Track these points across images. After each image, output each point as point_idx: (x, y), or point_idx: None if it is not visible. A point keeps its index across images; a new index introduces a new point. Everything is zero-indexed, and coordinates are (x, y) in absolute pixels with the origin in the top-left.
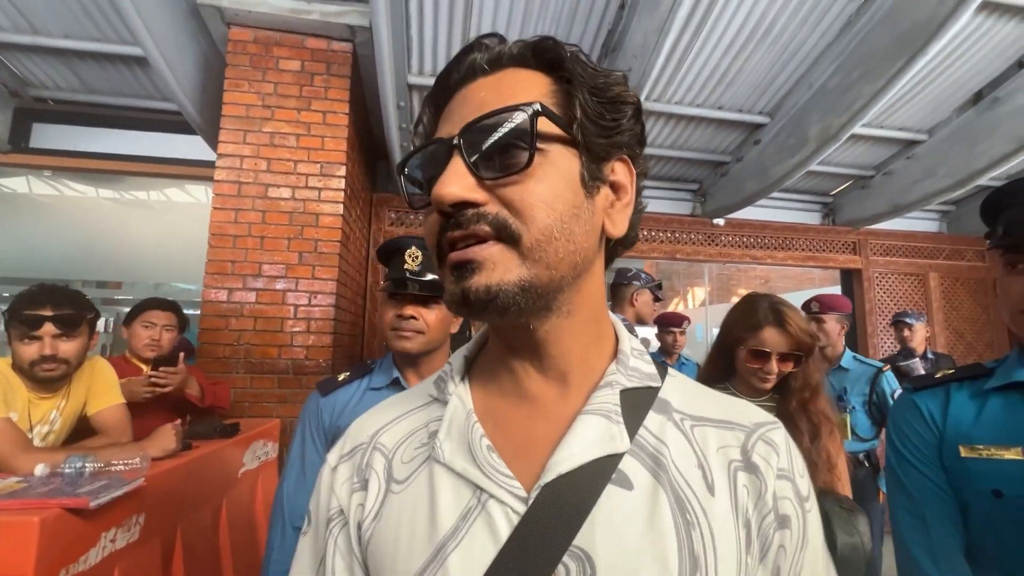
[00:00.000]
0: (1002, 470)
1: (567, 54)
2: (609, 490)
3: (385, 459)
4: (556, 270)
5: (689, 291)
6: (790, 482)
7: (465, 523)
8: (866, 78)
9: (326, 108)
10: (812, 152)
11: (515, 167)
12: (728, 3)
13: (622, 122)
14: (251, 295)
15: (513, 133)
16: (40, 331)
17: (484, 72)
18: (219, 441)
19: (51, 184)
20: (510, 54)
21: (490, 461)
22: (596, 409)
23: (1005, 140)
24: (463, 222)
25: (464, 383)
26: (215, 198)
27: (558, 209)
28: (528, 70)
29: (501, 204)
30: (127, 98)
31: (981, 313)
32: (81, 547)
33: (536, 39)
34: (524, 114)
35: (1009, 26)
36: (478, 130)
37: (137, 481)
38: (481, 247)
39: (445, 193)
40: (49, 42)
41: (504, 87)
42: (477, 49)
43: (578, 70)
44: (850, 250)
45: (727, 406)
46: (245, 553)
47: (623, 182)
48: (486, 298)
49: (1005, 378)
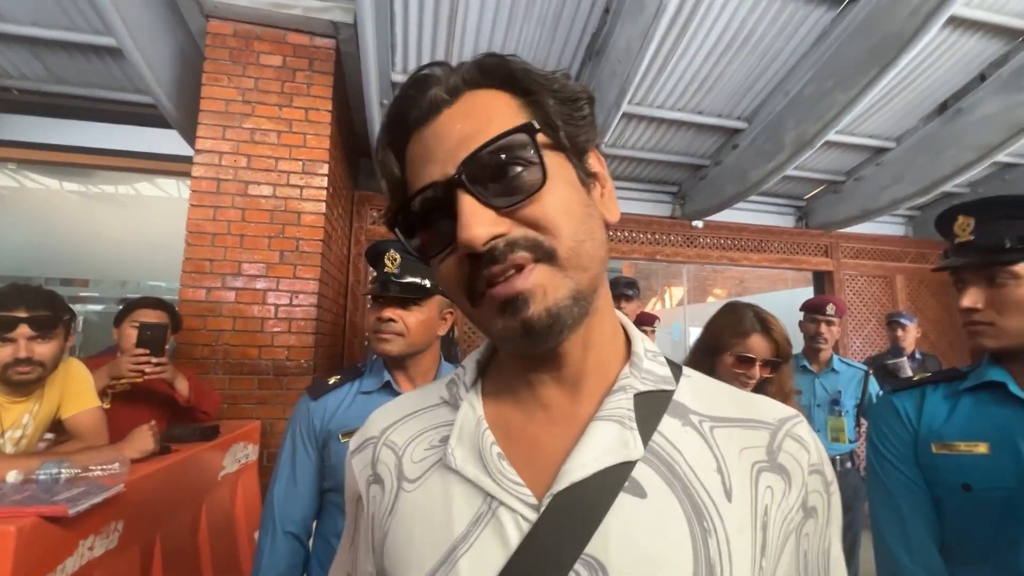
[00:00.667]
0: (970, 464)
1: (517, 67)
2: (622, 498)
3: (396, 456)
4: (591, 269)
5: (667, 291)
6: (820, 475)
7: (476, 528)
8: (840, 87)
9: (308, 105)
10: (788, 157)
11: (531, 188)
12: (709, 11)
13: (587, 116)
14: (230, 294)
15: (519, 156)
16: (14, 333)
17: (447, 103)
18: (199, 444)
19: (13, 176)
20: (463, 80)
21: (501, 469)
22: (609, 415)
23: (968, 149)
24: (498, 256)
25: (475, 388)
26: (192, 195)
27: (576, 214)
28: (486, 90)
29: (525, 227)
30: (97, 89)
31: (944, 315)
32: (58, 556)
33: (478, 59)
34: (523, 135)
35: (973, 40)
36: (479, 161)
37: (116, 487)
38: (523, 276)
39: (475, 236)
40: (15, 29)
41: (476, 113)
42: (431, 83)
43: (534, 80)
44: (822, 252)
45: (745, 402)
46: (225, 557)
47: (599, 170)
48: (549, 322)
49: (978, 379)
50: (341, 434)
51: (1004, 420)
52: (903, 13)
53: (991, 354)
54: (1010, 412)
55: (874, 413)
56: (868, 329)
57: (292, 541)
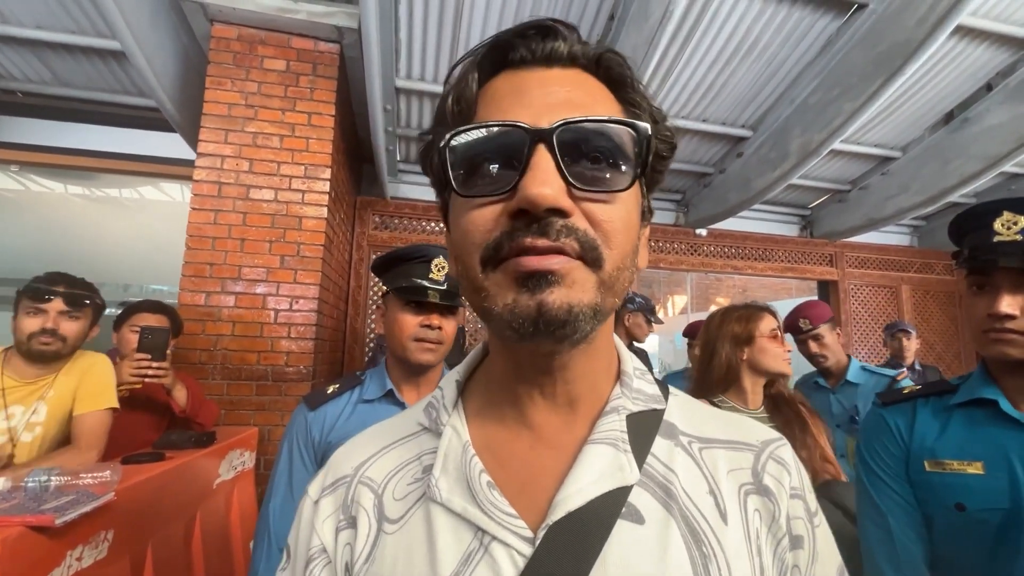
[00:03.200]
0: (964, 484)
1: (632, 77)
2: (620, 525)
3: (375, 495)
4: (618, 299)
5: (669, 299)
6: (802, 500)
7: (467, 568)
8: (846, 96)
9: (311, 109)
10: (792, 166)
11: (614, 185)
12: (715, 19)
13: (668, 160)
14: (230, 299)
15: (617, 149)
16: (48, 305)
17: (562, 63)
18: (194, 451)
19: (17, 179)
20: (583, 53)
21: (491, 499)
22: (603, 438)
23: (974, 159)
24: (550, 231)
25: (458, 411)
26: (194, 198)
27: (631, 239)
28: (596, 79)
29: (589, 221)
30: (102, 92)
31: (950, 325)
32: (44, 567)
33: (602, 48)
34: (634, 133)
35: (980, 50)
36: (581, 131)
37: (107, 495)
38: (562, 260)
39: (541, 194)
40: (20, 32)
41: (584, 89)
42: (554, 34)
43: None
44: (827, 262)
45: (732, 424)
46: (219, 567)
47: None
48: (565, 318)
49: (969, 394)
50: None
51: (998, 439)
52: (910, 22)
53: (983, 367)
54: (1003, 431)
55: (864, 427)
56: (873, 340)
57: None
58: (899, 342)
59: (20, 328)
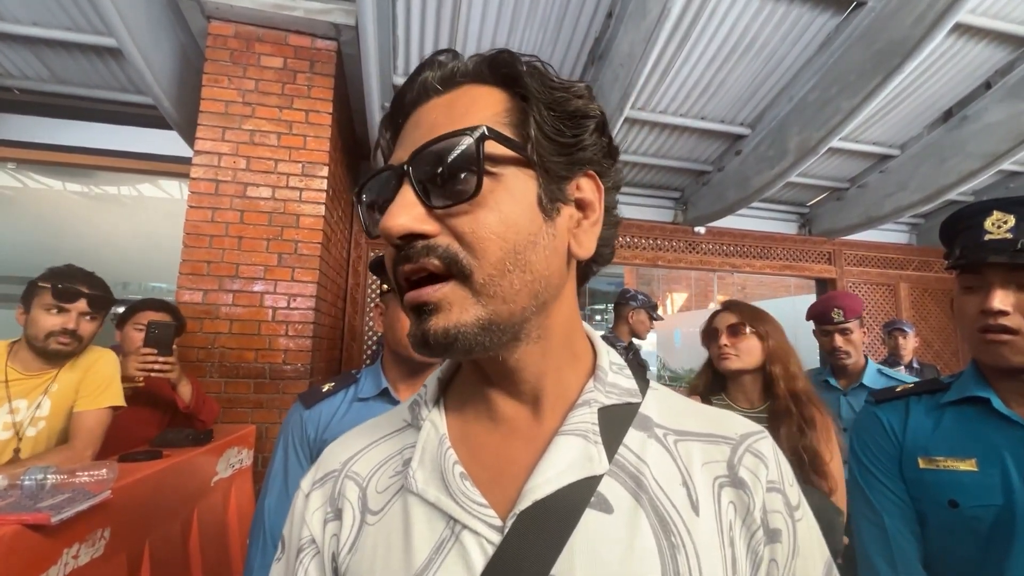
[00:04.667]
0: (957, 481)
1: (523, 67)
2: (588, 515)
3: (359, 488)
4: (514, 303)
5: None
6: (780, 494)
7: (439, 555)
8: (844, 94)
9: (309, 107)
10: (791, 164)
11: (464, 194)
12: (713, 17)
13: (583, 137)
14: (227, 297)
15: (461, 159)
16: (73, 305)
17: (437, 92)
18: (191, 449)
19: (14, 176)
20: (464, 70)
21: (463, 490)
22: (573, 429)
23: (973, 157)
24: (412, 255)
25: (439, 407)
26: (191, 196)
27: (511, 240)
28: (485, 86)
29: (452, 236)
30: (99, 90)
31: (948, 323)
32: (41, 565)
33: (493, 52)
34: (470, 138)
35: (978, 48)
36: (427, 156)
37: (103, 494)
38: (435, 287)
39: (392, 225)
40: (17, 29)
41: (457, 107)
42: (429, 67)
43: (534, 84)
44: (825, 260)
45: (711, 418)
46: (217, 565)
47: (590, 199)
48: (446, 341)
49: (960, 392)
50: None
51: (990, 436)
52: (908, 20)
53: (975, 365)
54: (995, 428)
55: (857, 425)
56: (871, 337)
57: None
58: (896, 340)
59: (37, 324)
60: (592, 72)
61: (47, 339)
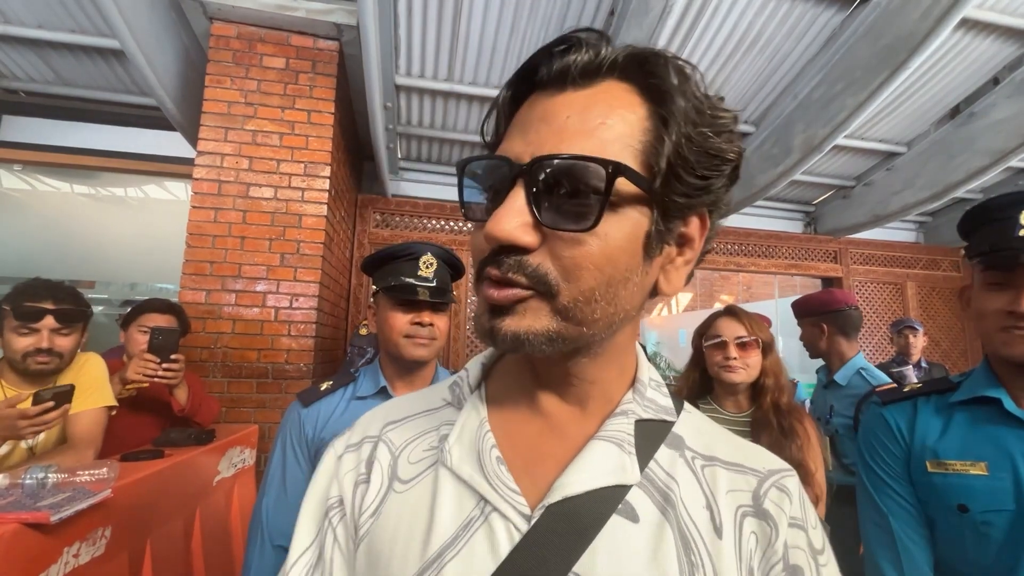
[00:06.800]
0: (967, 486)
1: (674, 85)
2: (614, 520)
3: (391, 455)
4: (589, 328)
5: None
6: (803, 531)
7: (466, 533)
8: (849, 90)
9: (311, 107)
10: (796, 162)
11: (578, 222)
12: (716, 13)
13: (714, 181)
14: (230, 296)
15: (585, 183)
16: (40, 324)
17: (575, 83)
18: (193, 448)
19: (22, 178)
20: (612, 63)
21: (498, 473)
22: (610, 436)
23: (980, 154)
24: (502, 265)
25: (480, 391)
26: (194, 196)
27: (607, 273)
28: (627, 86)
29: (550, 255)
30: (103, 92)
31: (956, 322)
32: (41, 563)
33: (646, 53)
34: (602, 170)
35: (986, 43)
36: (550, 168)
37: (103, 492)
38: (517, 292)
39: (498, 232)
40: (22, 32)
41: (594, 113)
42: (574, 48)
43: (680, 106)
44: (831, 259)
45: (741, 449)
46: (219, 565)
47: (692, 236)
48: (513, 343)
49: (970, 392)
50: None
51: (1001, 439)
52: (914, 15)
53: (986, 364)
54: (1006, 430)
55: (864, 426)
56: (878, 337)
57: (281, 554)
58: (906, 339)
59: (11, 346)
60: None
61: (25, 360)
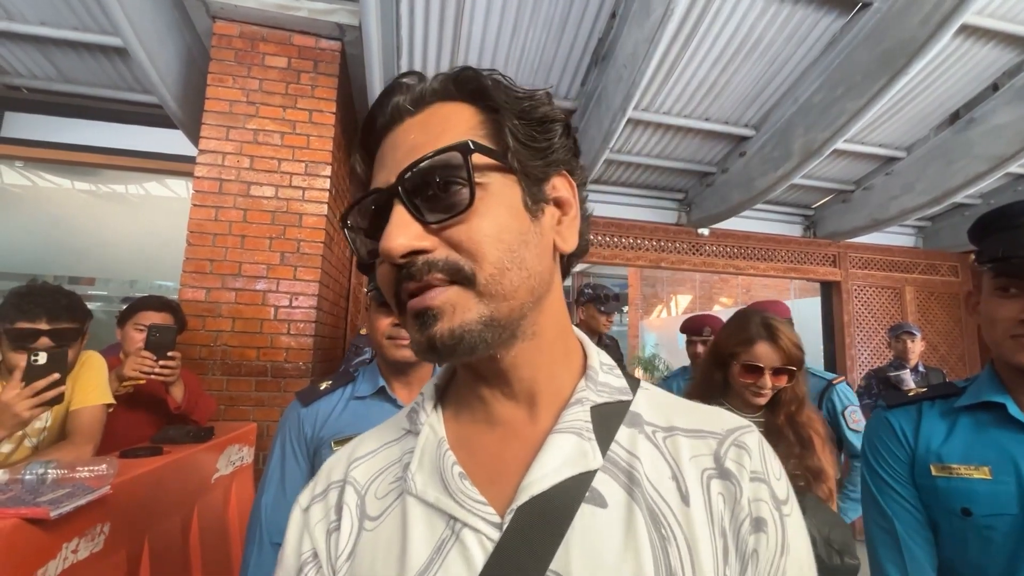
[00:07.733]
0: (971, 489)
1: (489, 82)
2: (583, 509)
3: (358, 495)
4: (514, 299)
5: (672, 298)
6: (765, 484)
7: (440, 555)
8: (849, 95)
9: (312, 106)
10: (796, 165)
11: (458, 207)
12: (717, 17)
13: (554, 141)
14: (230, 295)
15: (450, 173)
16: (35, 345)
17: (409, 113)
18: (192, 446)
19: (24, 175)
20: (432, 90)
21: (463, 489)
22: (567, 427)
23: (980, 159)
24: (415, 273)
25: (436, 412)
26: (195, 195)
27: (505, 240)
28: (454, 102)
29: (449, 247)
30: (105, 89)
31: (954, 327)
32: (39, 559)
33: (456, 71)
34: (458, 153)
35: (986, 49)
36: (415, 175)
37: (102, 489)
38: (437, 292)
39: (393, 246)
40: (24, 29)
41: (432, 125)
42: (398, 91)
43: (502, 97)
44: (830, 262)
45: (699, 415)
46: (217, 562)
47: (566, 197)
48: (452, 343)
49: (975, 397)
50: (333, 442)
51: (1005, 443)
52: (914, 21)
53: (992, 369)
54: (1011, 435)
55: (869, 430)
56: (876, 341)
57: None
58: (904, 344)
59: (8, 362)
60: (595, 72)
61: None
